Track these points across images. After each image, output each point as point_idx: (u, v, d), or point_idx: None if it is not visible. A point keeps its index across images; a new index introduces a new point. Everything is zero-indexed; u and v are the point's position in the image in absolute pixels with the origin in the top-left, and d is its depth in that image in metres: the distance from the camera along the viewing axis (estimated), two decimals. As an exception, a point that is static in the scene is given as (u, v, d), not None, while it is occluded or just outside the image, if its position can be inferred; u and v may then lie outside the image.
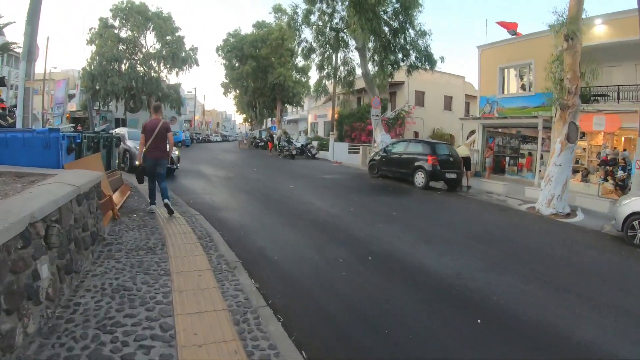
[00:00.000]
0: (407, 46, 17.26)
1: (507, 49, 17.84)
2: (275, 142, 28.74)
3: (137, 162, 6.51)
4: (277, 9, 31.36)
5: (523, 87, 17.64)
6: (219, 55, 38.12)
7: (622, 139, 15.55)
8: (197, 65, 37.76)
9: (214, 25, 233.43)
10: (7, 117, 10.16)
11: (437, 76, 26.76)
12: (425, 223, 7.84)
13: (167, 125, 6.48)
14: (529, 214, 10.03)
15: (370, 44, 17.60)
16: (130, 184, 9.26)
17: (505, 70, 18.14)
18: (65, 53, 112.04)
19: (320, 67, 19.52)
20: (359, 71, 20.12)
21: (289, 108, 45.06)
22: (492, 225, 8.42)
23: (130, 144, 12.37)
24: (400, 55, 17.48)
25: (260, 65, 33.85)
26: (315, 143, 26.88)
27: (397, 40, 17.20)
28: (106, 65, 32.62)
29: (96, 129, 11.92)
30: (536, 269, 5.31)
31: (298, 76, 36.31)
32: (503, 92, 18.20)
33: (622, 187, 12.60)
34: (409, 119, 25.54)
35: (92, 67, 32.81)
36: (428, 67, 17.58)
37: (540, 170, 16.06)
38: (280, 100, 36.47)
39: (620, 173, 12.81)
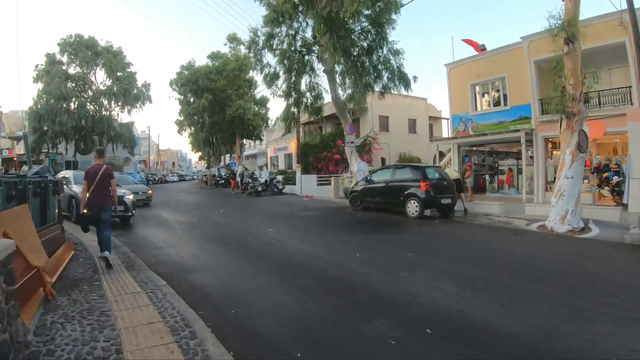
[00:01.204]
0: (380, 66, 16.12)
1: (476, 65, 17.42)
2: (238, 179, 27.12)
3: (84, 211, 6.03)
4: (232, 39, 30.12)
5: (496, 103, 17.14)
6: (173, 89, 35.87)
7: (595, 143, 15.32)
8: (150, 102, 35.67)
9: (168, 59, 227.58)
10: None
11: (399, 99, 26.34)
12: (451, 264, 6.40)
13: (110, 172, 6.22)
14: (546, 234, 9.00)
15: (340, 66, 16.35)
16: (76, 240, 7.58)
17: (477, 87, 17.67)
18: (11, 91, 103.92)
19: (287, 94, 17.91)
20: (326, 97, 18.97)
21: (247, 142, 43.30)
22: (522, 254, 7.18)
23: (76, 189, 10.50)
24: (373, 76, 16.27)
25: (217, 99, 31.82)
26: (280, 177, 25.32)
27: (370, 60, 16.05)
28: (54, 104, 30.09)
29: (28, 172, 9.73)
30: (611, 304, 4.27)
31: (257, 108, 34.78)
32: (476, 109, 17.65)
33: (619, 193, 12.19)
34: (376, 144, 24.69)
35: (39, 106, 30.11)
36: (403, 88, 16.49)
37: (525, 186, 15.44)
38: (240, 135, 34.71)
39: (615, 178, 12.36)
